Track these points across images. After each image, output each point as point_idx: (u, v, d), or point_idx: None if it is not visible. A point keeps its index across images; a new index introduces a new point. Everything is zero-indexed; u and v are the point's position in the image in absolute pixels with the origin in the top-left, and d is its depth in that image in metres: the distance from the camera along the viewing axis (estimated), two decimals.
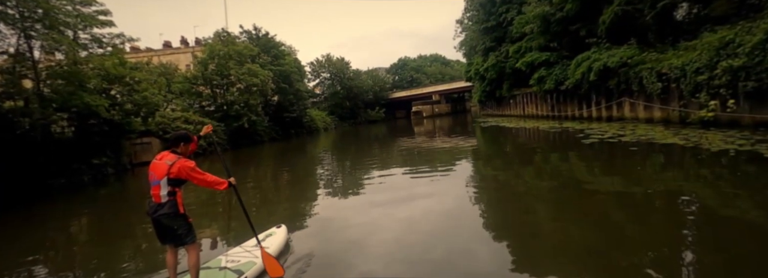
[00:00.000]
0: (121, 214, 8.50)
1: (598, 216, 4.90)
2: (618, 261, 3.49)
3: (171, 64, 33.01)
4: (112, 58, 15.78)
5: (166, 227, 3.23)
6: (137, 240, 6.01)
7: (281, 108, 32.86)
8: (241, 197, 3.91)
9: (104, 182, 13.91)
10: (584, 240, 4.09)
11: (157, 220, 3.22)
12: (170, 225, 3.22)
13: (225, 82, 25.53)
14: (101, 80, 15.01)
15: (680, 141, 9.28)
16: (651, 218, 4.63)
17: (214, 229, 6.05)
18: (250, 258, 3.84)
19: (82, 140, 14.43)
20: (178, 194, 3.23)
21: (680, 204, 5.04)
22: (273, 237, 4.43)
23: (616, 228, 4.41)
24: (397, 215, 5.65)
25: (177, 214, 3.21)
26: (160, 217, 3.19)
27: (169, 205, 3.17)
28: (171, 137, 3.47)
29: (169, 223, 3.21)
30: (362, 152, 18.27)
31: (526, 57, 21.85)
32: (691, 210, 4.78)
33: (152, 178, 3.21)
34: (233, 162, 17.78)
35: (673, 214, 4.69)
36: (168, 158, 3.24)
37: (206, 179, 3.29)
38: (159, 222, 3.22)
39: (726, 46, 10.18)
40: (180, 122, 20.41)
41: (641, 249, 3.67)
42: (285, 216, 6.36)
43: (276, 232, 4.60)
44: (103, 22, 15.31)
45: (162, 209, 3.17)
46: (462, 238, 4.43)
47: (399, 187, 7.79)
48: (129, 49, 40.09)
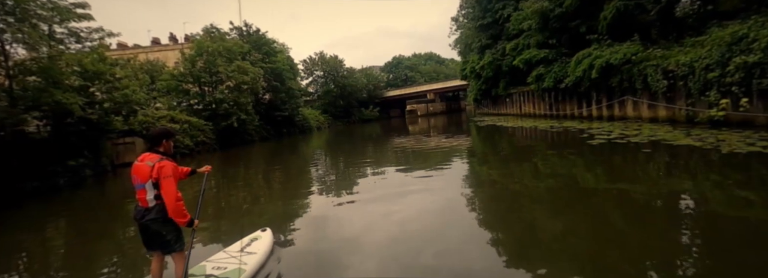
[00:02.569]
0: (98, 219, 7.75)
1: (622, 227, 4.30)
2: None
3: (159, 62, 32.07)
4: (92, 54, 14.95)
5: (154, 232, 3.06)
6: (117, 247, 5.48)
7: (273, 107, 32.07)
8: (192, 240, 3.50)
9: (81, 184, 13.10)
10: (616, 257, 3.49)
11: (145, 226, 3.05)
12: (159, 231, 3.05)
13: (213, 79, 24.68)
14: (78, 77, 14.15)
15: (695, 142, 8.70)
16: (694, 234, 4.03)
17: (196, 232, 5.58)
18: (236, 264, 3.70)
19: (58, 140, 13.56)
20: None
21: (720, 216, 4.45)
22: (258, 242, 4.24)
23: (646, 241, 3.80)
24: (391, 215, 5.54)
25: (166, 219, 3.03)
26: (148, 222, 3.02)
27: (157, 209, 3.00)
28: (150, 134, 3.24)
29: (157, 228, 3.03)
30: (356, 151, 17.76)
31: (524, 54, 21.30)
32: (742, 226, 4.18)
33: (135, 182, 3.02)
34: (222, 163, 17.20)
35: (718, 230, 4.10)
36: (150, 159, 3.02)
37: (177, 199, 3.01)
38: (147, 227, 3.05)
39: (739, 42, 9.67)
40: (165, 120, 19.57)
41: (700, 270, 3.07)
42: (274, 217, 6.17)
43: (261, 236, 4.41)
44: (81, 15, 14.45)
45: (150, 214, 3.01)
46: (456, 239, 4.33)
47: (393, 187, 7.65)
48: (115, 46, 39.29)
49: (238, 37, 32.22)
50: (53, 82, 12.72)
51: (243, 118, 24.55)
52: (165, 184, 2.94)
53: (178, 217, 3.01)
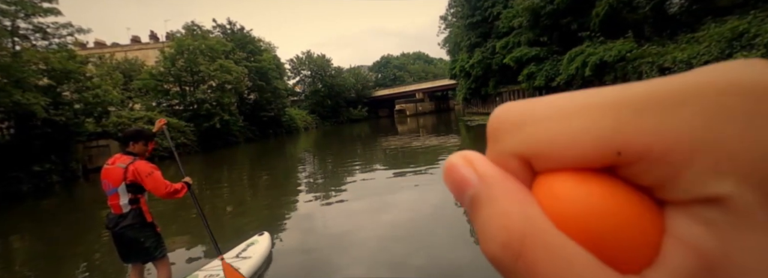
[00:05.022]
0: (64, 231, 6.92)
1: None
2: None
3: (138, 60, 30.86)
4: (60, 51, 14.01)
5: (131, 240, 2.77)
6: (85, 261, 4.87)
7: (258, 107, 31.21)
8: (200, 205, 3.34)
9: (48, 191, 12.19)
10: None
11: (120, 234, 2.75)
12: (136, 238, 2.76)
13: (195, 79, 23.75)
14: (45, 76, 13.21)
15: None
16: None
17: (186, 238, 5.30)
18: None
19: (21, 144, 12.61)
20: (142, 200, 2.79)
21: None
22: (255, 246, 4.06)
23: None
24: (382, 216, 5.49)
25: (144, 224, 2.78)
26: (124, 230, 2.73)
27: (132, 215, 2.74)
28: (121, 135, 2.99)
29: (134, 235, 2.76)
30: (345, 152, 17.16)
31: (515, 52, 20.96)
32: None
33: (107, 187, 2.74)
34: (204, 165, 16.45)
35: None
36: (121, 160, 2.76)
37: (166, 187, 2.75)
38: (122, 235, 2.75)
39: (740, 37, 9.37)
40: (142, 122, 18.58)
41: None
42: (265, 221, 5.93)
43: (259, 240, 4.22)
44: (47, 9, 13.52)
45: (124, 220, 2.73)
46: (446, 239, 4.27)
47: (383, 188, 7.55)
48: (92, 44, 37.82)
49: (221, 36, 31.28)
50: (15, 80, 11.79)
51: (226, 119, 23.69)
52: (150, 181, 2.70)
53: (177, 195, 2.82)
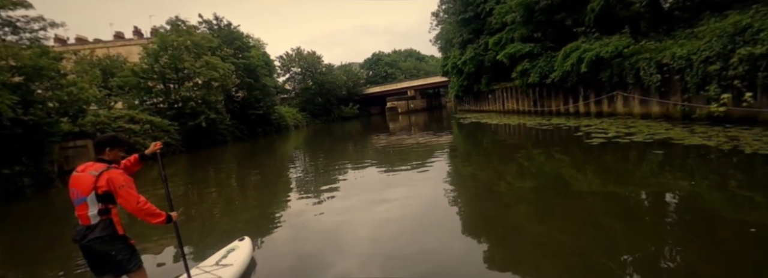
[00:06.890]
0: (37, 239, 6.31)
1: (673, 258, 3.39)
2: None
3: (120, 57, 29.80)
4: (31, 46, 13.20)
5: (100, 254, 2.56)
6: (60, 268, 4.53)
7: (247, 105, 30.41)
8: (180, 235, 3.15)
9: (18, 196, 11.44)
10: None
11: (88, 247, 2.53)
12: (106, 251, 2.55)
13: (179, 76, 22.91)
14: (14, 73, 12.40)
15: (707, 142, 7.84)
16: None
17: (164, 246, 5.01)
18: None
19: None
20: (113, 211, 2.57)
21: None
22: (236, 253, 3.91)
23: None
24: (373, 215, 5.47)
25: (114, 236, 2.56)
26: (91, 243, 2.51)
27: (101, 227, 2.52)
28: (95, 141, 2.73)
29: (103, 249, 2.54)
30: (336, 150, 16.72)
31: (508, 49, 20.53)
32: None
33: (74, 195, 2.53)
34: (189, 165, 15.79)
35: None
36: (93, 168, 2.56)
37: (139, 202, 2.52)
38: (90, 249, 2.54)
39: (743, 32, 9.04)
40: (123, 121, 17.83)
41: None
42: (252, 223, 5.81)
43: (239, 246, 4.06)
44: (16, 2, 12.72)
45: (93, 232, 2.51)
46: (440, 239, 4.28)
47: (374, 187, 7.49)
48: (73, 40, 36.56)
49: (207, 31, 30.35)
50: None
51: (212, 117, 22.93)
52: (123, 193, 2.49)
53: (151, 219, 2.57)
